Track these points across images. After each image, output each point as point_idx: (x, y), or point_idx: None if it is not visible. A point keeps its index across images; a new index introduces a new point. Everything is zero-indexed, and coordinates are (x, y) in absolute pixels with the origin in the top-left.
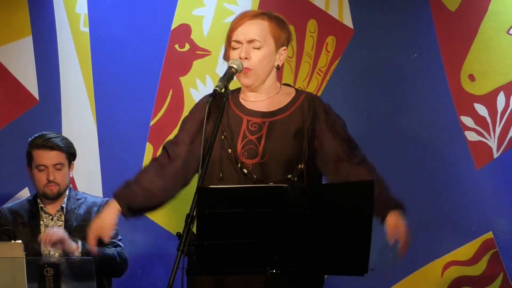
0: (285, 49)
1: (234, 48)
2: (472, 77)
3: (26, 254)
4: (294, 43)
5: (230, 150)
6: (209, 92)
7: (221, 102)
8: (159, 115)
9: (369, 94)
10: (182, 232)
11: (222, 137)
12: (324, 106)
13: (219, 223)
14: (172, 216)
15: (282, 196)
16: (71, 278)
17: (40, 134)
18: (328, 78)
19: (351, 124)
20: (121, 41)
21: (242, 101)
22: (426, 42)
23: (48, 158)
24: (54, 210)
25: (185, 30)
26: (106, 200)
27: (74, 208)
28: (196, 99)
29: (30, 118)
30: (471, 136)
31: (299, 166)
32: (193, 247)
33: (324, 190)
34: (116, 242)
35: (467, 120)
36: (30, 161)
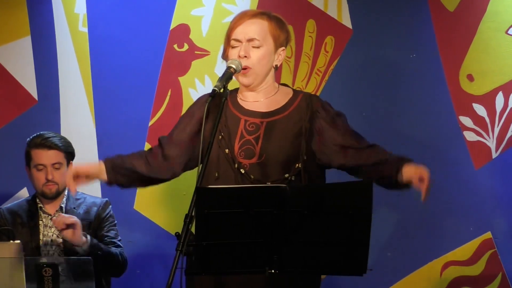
0: (283, 49)
1: (233, 46)
2: (470, 77)
3: (24, 254)
4: (292, 43)
5: (227, 150)
6: (208, 92)
7: (219, 101)
8: (158, 115)
9: (367, 94)
10: (181, 232)
11: (220, 137)
12: (322, 103)
13: (218, 223)
14: (171, 216)
15: (281, 196)
16: (70, 278)
17: (38, 134)
18: (327, 78)
19: (350, 124)
20: (120, 41)
21: (240, 101)
22: (425, 42)
23: (46, 157)
24: (53, 210)
25: (184, 30)
26: (106, 200)
27: (74, 208)
28: (195, 99)
29: (29, 118)
30: (470, 136)
31: (297, 165)
32: (192, 247)
33: (323, 190)
34: (116, 243)
35: (466, 120)
36: (28, 161)
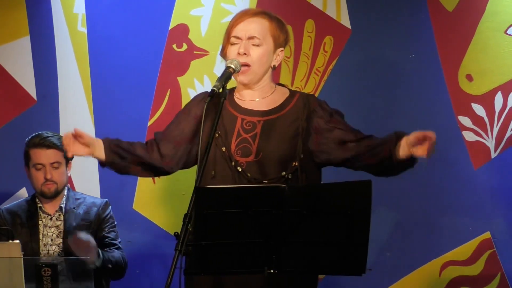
0: (282, 50)
1: (232, 43)
2: (469, 77)
3: (24, 254)
4: (291, 43)
5: (224, 149)
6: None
7: (217, 101)
8: (157, 115)
9: (366, 94)
10: (180, 232)
11: (216, 135)
12: (319, 102)
13: (217, 223)
14: (170, 216)
15: (280, 196)
16: (69, 278)
17: (37, 133)
18: (325, 78)
19: (349, 124)
20: (119, 41)
21: (237, 100)
22: (423, 42)
23: (45, 156)
24: (53, 210)
25: (182, 30)
26: (106, 200)
27: (73, 208)
28: None
29: (28, 118)
30: (469, 136)
31: (294, 163)
32: (191, 247)
33: (322, 190)
34: (117, 244)
35: (465, 120)
36: (27, 160)
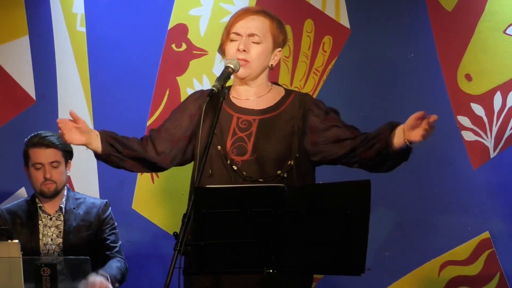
0: (280, 50)
1: (232, 40)
2: (468, 76)
3: (23, 254)
4: (290, 43)
5: (219, 147)
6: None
7: (215, 101)
8: (156, 115)
9: (365, 94)
10: (179, 231)
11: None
12: (315, 101)
13: (216, 223)
14: (169, 215)
15: (279, 196)
16: (68, 278)
17: (36, 133)
18: (324, 78)
19: (348, 123)
20: (118, 41)
21: (232, 98)
22: (422, 42)
23: (44, 155)
24: (53, 210)
25: (182, 29)
26: (106, 201)
27: (73, 208)
28: None
29: (27, 117)
30: (468, 136)
31: (289, 162)
32: (190, 247)
33: (321, 190)
34: (117, 247)
35: (464, 120)
36: (27, 160)
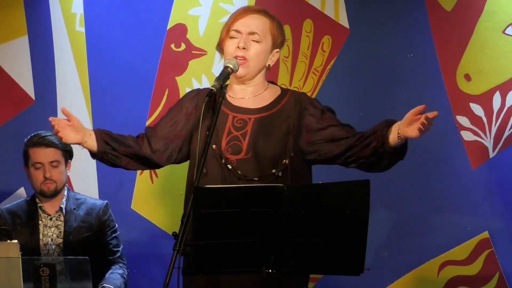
0: (278, 51)
1: (232, 37)
2: (468, 76)
3: (24, 254)
4: (290, 43)
5: (214, 146)
6: None
7: (213, 101)
8: (155, 115)
9: (365, 94)
10: (178, 231)
11: (207, 132)
12: (311, 100)
13: (215, 223)
14: (168, 215)
15: (278, 196)
16: (67, 278)
17: (36, 133)
18: (324, 78)
19: (344, 122)
20: (117, 40)
21: (228, 97)
22: (422, 42)
23: (44, 155)
24: (53, 210)
25: (181, 29)
26: (106, 202)
27: (74, 208)
28: None
29: (26, 117)
30: (467, 136)
31: (284, 161)
32: (189, 247)
33: (320, 190)
34: (119, 251)
35: (463, 120)
36: (26, 160)
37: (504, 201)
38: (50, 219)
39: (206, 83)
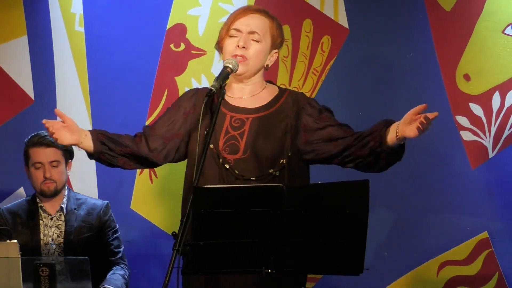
0: (276, 52)
1: (231, 35)
2: (467, 76)
3: (24, 254)
4: (289, 43)
5: (212, 146)
6: None
7: (208, 100)
8: (155, 115)
9: (364, 94)
10: (177, 231)
11: (205, 132)
12: (308, 100)
13: (215, 223)
14: (167, 215)
15: (277, 195)
16: (67, 278)
17: (36, 133)
18: (323, 77)
19: (346, 123)
20: (116, 40)
21: (226, 97)
22: (421, 42)
23: (44, 155)
24: (54, 210)
25: (180, 29)
26: (107, 203)
27: (74, 208)
28: None
29: (26, 117)
30: (467, 135)
31: (281, 161)
32: (188, 247)
33: (320, 189)
34: (121, 252)
35: (463, 120)
36: (27, 160)
37: (503, 201)
38: (51, 219)
39: (205, 83)
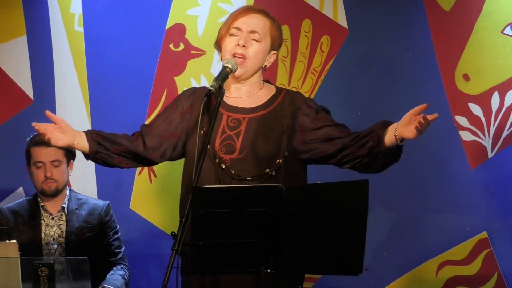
0: (275, 53)
1: (232, 34)
2: (466, 76)
3: (25, 253)
4: (288, 43)
5: (208, 146)
6: None
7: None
8: (154, 115)
9: (363, 94)
10: (176, 231)
11: (202, 132)
12: (305, 100)
13: (214, 223)
14: (166, 215)
15: (277, 196)
16: (66, 278)
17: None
18: (322, 77)
19: (345, 123)
20: (115, 40)
21: (224, 97)
22: (420, 42)
23: (45, 154)
24: (55, 210)
25: (179, 29)
26: (108, 203)
27: (76, 208)
28: None
29: (25, 117)
30: (466, 136)
31: (277, 160)
32: (187, 247)
33: (319, 189)
34: (121, 252)
35: (462, 120)
36: (29, 159)
37: (502, 201)
38: (52, 219)
39: (204, 83)
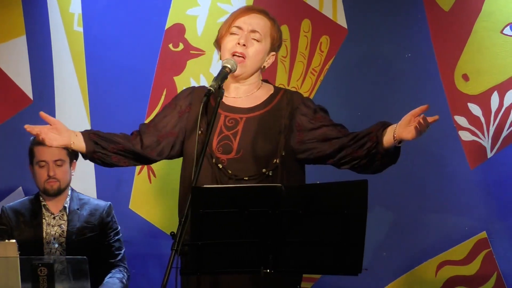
0: (273, 54)
1: (232, 33)
2: (466, 77)
3: (26, 253)
4: (288, 43)
5: None
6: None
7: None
8: (153, 115)
9: (362, 94)
10: (176, 231)
11: (199, 132)
12: (303, 99)
13: (213, 223)
14: (166, 215)
15: (276, 195)
16: (65, 278)
17: None
18: (322, 78)
19: (345, 123)
20: (115, 40)
21: None
22: (420, 42)
23: (48, 153)
24: (57, 209)
25: (179, 29)
26: (109, 204)
27: (77, 209)
28: None
29: (24, 117)
30: (465, 136)
31: (275, 160)
32: (187, 247)
33: (318, 190)
34: (121, 254)
35: (461, 120)
36: (31, 158)
37: (502, 201)
38: (54, 218)
39: (204, 83)
